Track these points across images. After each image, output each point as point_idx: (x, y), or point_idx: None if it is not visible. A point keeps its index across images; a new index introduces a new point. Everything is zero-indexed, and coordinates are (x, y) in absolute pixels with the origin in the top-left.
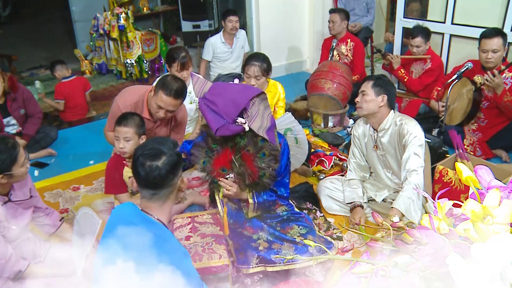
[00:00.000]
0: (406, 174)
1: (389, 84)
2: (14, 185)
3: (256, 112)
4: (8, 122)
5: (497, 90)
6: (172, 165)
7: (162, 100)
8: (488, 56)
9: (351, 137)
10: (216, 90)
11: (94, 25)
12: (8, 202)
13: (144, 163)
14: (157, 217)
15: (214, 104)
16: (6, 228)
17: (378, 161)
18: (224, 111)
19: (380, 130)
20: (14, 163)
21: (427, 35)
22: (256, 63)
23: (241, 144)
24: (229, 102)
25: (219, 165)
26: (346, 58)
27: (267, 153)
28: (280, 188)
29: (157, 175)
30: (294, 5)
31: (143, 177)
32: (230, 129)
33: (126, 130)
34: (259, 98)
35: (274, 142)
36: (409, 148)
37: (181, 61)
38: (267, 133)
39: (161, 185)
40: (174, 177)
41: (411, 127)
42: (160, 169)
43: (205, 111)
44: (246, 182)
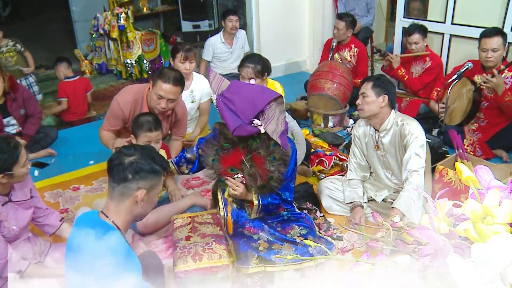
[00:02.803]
0: (407, 175)
1: (389, 83)
2: (15, 185)
3: (272, 115)
4: (8, 122)
5: (497, 90)
6: (135, 167)
7: (161, 89)
8: (488, 55)
9: (351, 137)
10: (235, 88)
11: (94, 25)
12: (9, 202)
13: (120, 152)
14: (112, 219)
15: (232, 103)
16: (6, 228)
17: (378, 162)
18: (241, 111)
19: (381, 130)
20: (15, 163)
21: (424, 31)
22: (250, 64)
23: (253, 146)
24: (247, 102)
25: (229, 165)
26: (349, 64)
27: (277, 157)
28: (285, 192)
29: (116, 165)
30: (294, 5)
31: (109, 161)
32: (247, 130)
33: (157, 133)
34: (276, 102)
35: (286, 147)
36: (410, 148)
37: (184, 52)
38: (280, 137)
39: (117, 179)
40: (132, 180)
41: (412, 127)
42: (123, 163)
43: (223, 109)
44: (257, 183)
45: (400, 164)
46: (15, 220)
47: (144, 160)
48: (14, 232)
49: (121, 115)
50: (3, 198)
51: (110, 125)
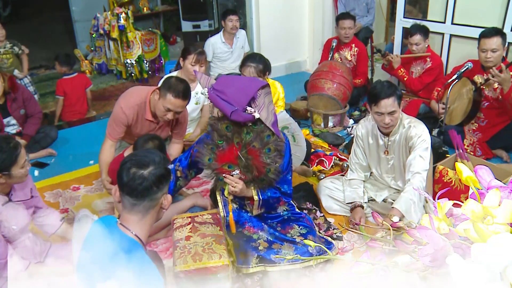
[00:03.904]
0: (409, 176)
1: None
2: (15, 185)
3: (262, 103)
4: (8, 122)
5: (504, 86)
6: (158, 177)
7: (171, 103)
8: (488, 56)
9: (353, 137)
10: (224, 81)
11: (94, 25)
12: (9, 202)
13: (130, 169)
14: (135, 232)
15: (224, 93)
16: (6, 228)
17: (383, 165)
18: (234, 99)
19: (392, 134)
20: (14, 163)
21: (426, 32)
22: (252, 64)
23: (248, 140)
24: (239, 91)
25: (225, 161)
26: (349, 63)
27: (272, 148)
28: (283, 185)
29: (140, 183)
30: (294, 5)
31: (126, 183)
32: (242, 116)
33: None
34: (264, 90)
35: (279, 134)
36: (415, 150)
37: (197, 54)
38: (272, 126)
39: (143, 195)
40: (158, 190)
41: (419, 130)
42: (145, 178)
43: (216, 100)
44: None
45: (403, 166)
46: (15, 220)
47: (158, 165)
48: (14, 232)
49: (124, 120)
50: (3, 198)
51: (115, 133)
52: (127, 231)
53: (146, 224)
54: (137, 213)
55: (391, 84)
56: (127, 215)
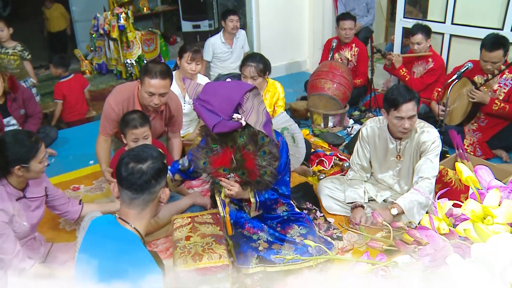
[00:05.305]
0: (417, 179)
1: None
2: (30, 182)
3: (251, 106)
4: (8, 122)
5: (484, 102)
6: (156, 170)
7: (151, 85)
8: (488, 66)
9: (355, 137)
10: (209, 90)
11: (94, 25)
12: (22, 199)
13: (128, 163)
14: (134, 226)
15: (209, 103)
16: (18, 223)
17: (390, 168)
18: (219, 108)
19: (404, 138)
20: (34, 157)
21: (428, 32)
22: (252, 63)
23: (241, 143)
24: (223, 99)
25: (219, 165)
26: (350, 63)
27: (267, 151)
28: (281, 187)
29: (139, 177)
30: (294, 5)
31: (125, 177)
32: (227, 126)
33: (143, 129)
34: (252, 93)
35: (270, 135)
36: (426, 155)
37: (192, 52)
38: (264, 127)
39: (142, 189)
40: (156, 184)
41: (433, 135)
42: (144, 172)
43: (201, 111)
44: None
45: (411, 171)
46: (26, 217)
47: (156, 160)
48: (24, 229)
49: (114, 116)
50: (18, 193)
51: (107, 129)
52: (126, 225)
53: (144, 218)
54: (136, 207)
55: (408, 87)
56: (126, 209)
